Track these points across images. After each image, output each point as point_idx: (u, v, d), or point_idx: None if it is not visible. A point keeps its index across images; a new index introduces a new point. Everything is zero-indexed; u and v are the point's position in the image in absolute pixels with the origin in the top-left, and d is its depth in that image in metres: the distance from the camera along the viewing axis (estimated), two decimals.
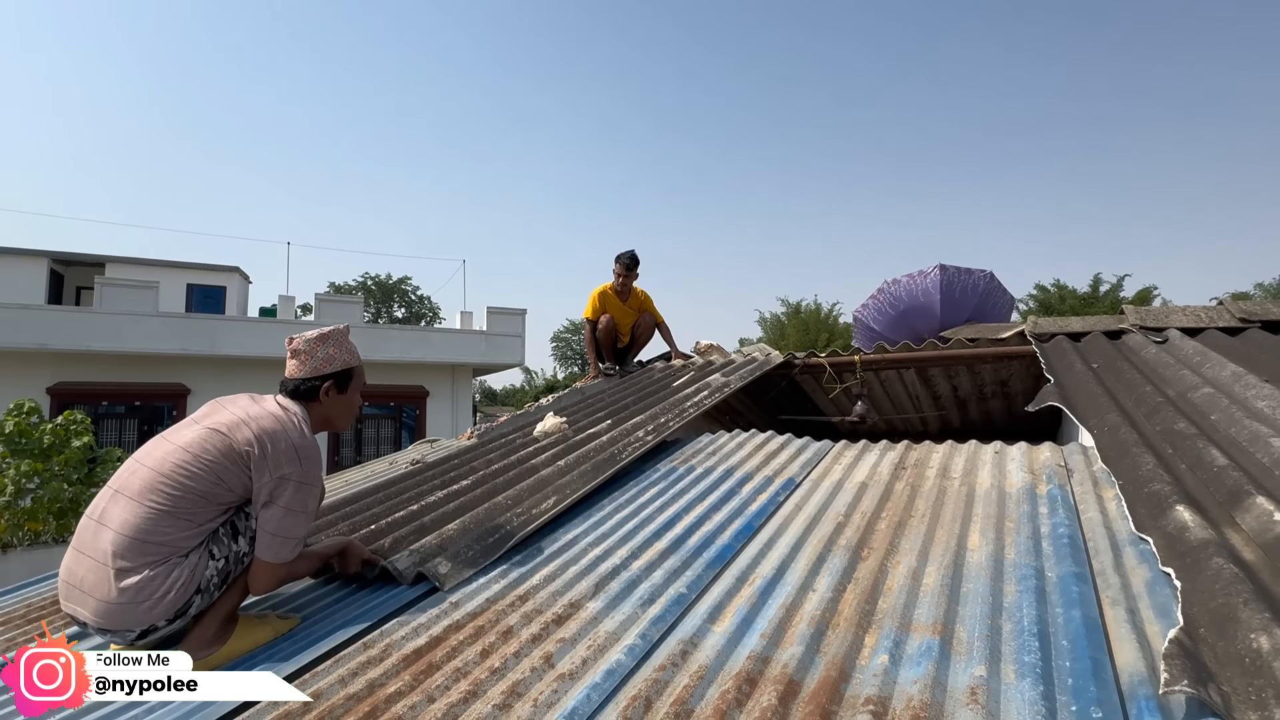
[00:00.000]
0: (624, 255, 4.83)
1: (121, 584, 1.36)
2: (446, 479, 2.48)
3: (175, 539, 1.41)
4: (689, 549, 1.75)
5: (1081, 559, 1.46)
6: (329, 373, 1.68)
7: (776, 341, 21.40)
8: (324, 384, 1.67)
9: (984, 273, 5.22)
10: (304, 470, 1.52)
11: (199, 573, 1.43)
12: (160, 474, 1.43)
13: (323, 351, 1.68)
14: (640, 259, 4.89)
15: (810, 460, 2.46)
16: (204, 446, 1.46)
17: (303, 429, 1.57)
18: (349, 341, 1.77)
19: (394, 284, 38.87)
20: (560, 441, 2.77)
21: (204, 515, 1.45)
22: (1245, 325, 3.12)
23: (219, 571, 1.47)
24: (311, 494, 1.56)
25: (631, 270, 4.84)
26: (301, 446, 1.53)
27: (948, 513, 1.83)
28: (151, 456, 1.47)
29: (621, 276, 4.84)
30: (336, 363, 1.69)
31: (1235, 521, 1.47)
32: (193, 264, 16.94)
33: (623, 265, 4.81)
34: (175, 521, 1.41)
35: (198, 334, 12.15)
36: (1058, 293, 20.66)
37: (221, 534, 1.49)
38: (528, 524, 1.93)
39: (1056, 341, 3.46)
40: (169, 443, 1.49)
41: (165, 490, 1.41)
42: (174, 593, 1.39)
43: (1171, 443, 1.96)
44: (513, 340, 15.08)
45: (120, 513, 1.41)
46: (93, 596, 1.37)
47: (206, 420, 1.54)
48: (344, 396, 1.73)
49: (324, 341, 1.69)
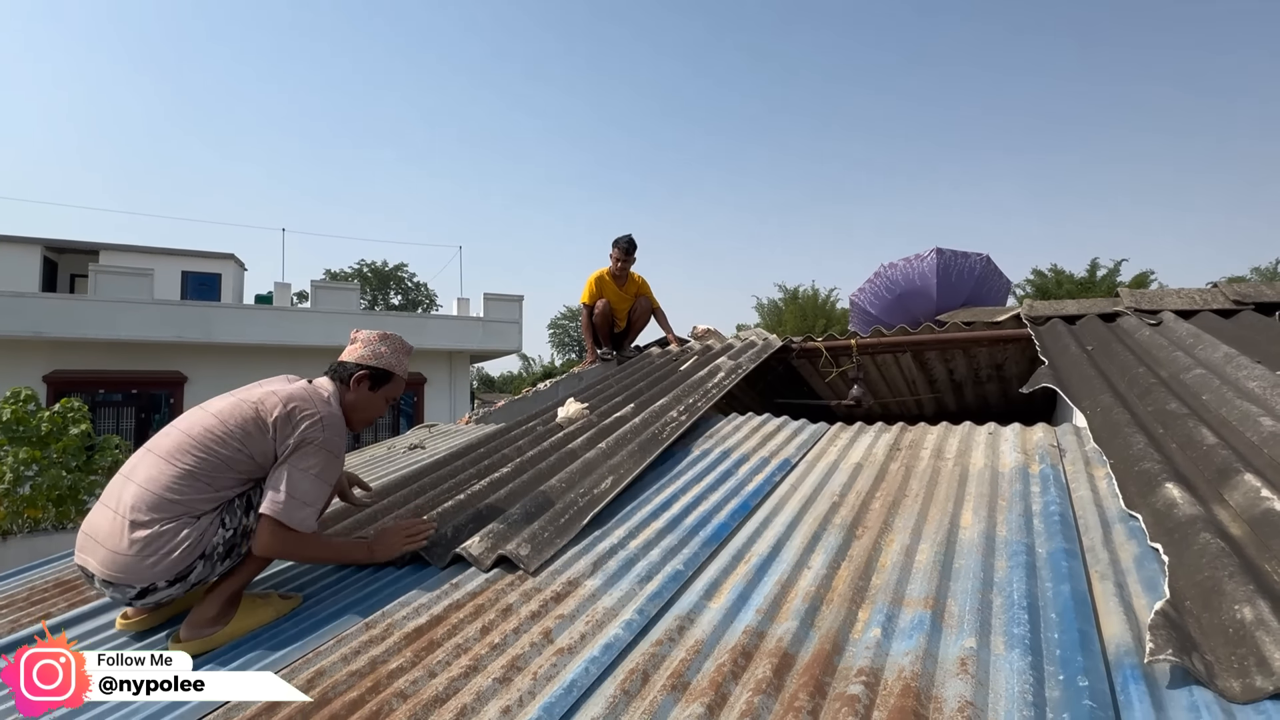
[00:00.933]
0: (622, 240, 4.80)
1: (133, 535, 1.41)
2: (482, 468, 2.45)
3: (192, 500, 1.46)
4: (685, 528, 1.77)
5: (1072, 535, 1.48)
6: (370, 365, 1.74)
7: (774, 327, 21.41)
8: (359, 372, 1.73)
9: (980, 256, 5.22)
10: (327, 437, 1.56)
11: (207, 537, 1.46)
12: (190, 436, 1.49)
13: (375, 346, 1.77)
14: (637, 244, 4.87)
15: (806, 442, 2.47)
16: (232, 414, 1.52)
17: (330, 400, 1.63)
18: (405, 355, 1.84)
19: (390, 271, 38.70)
20: (589, 426, 2.76)
21: (224, 481, 1.50)
22: (1239, 307, 3.14)
23: (225, 541, 1.50)
24: (332, 463, 1.59)
25: (629, 255, 4.81)
26: (327, 415, 1.58)
27: (941, 492, 1.85)
28: (185, 421, 1.55)
29: (620, 261, 4.81)
30: (383, 361, 1.76)
31: (1223, 498, 1.49)
32: (187, 251, 16.85)
33: (620, 250, 4.78)
34: (195, 483, 1.46)
35: (193, 321, 12.10)
36: (1055, 277, 20.67)
37: (236, 504, 1.53)
38: (594, 504, 1.93)
39: (1052, 324, 3.47)
40: (203, 410, 1.57)
41: (193, 452, 1.47)
42: (179, 552, 1.42)
43: (1163, 422, 1.98)
44: (510, 327, 15.06)
45: (147, 469, 1.47)
46: (104, 546, 1.42)
47: (241, 393, 1.61)
48: (373, 394, 1.77)
49: (383, 340, 1.79)
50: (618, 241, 4.82)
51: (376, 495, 2.30)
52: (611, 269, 4.86)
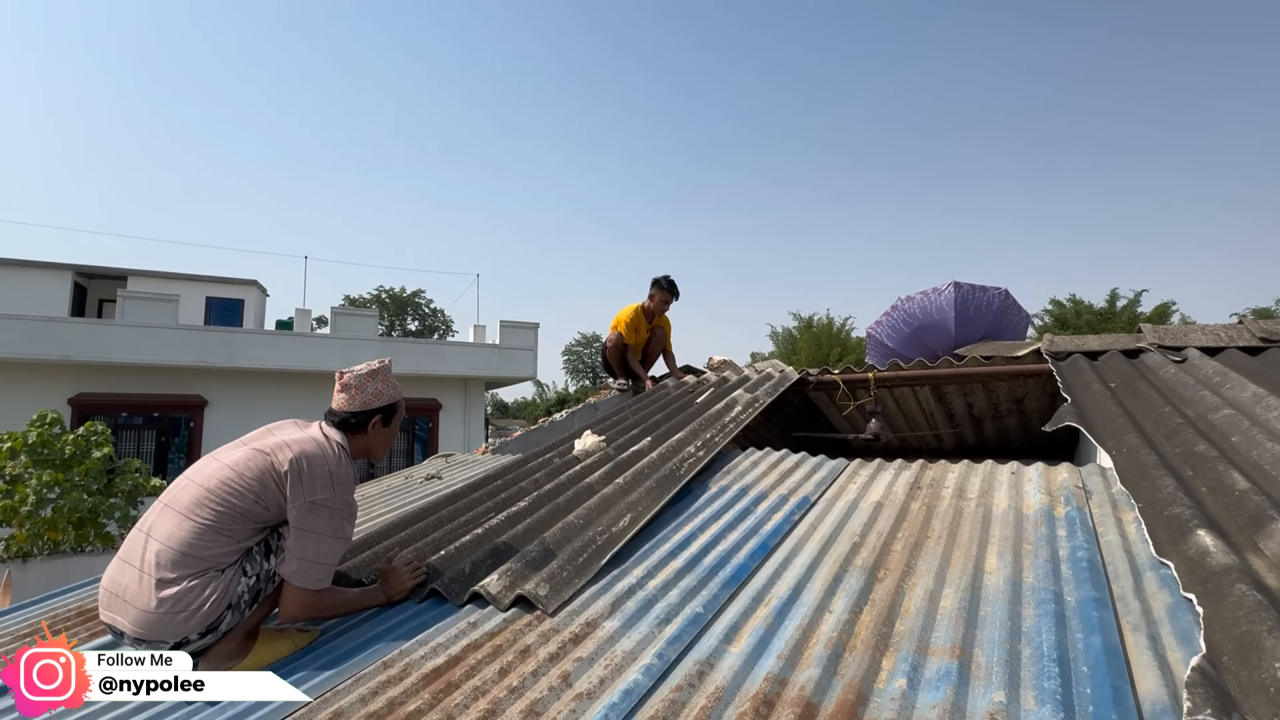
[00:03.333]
0: (666, 281, 5.00)
1: (161, 594, 1.41)
2: (499, 501, 2.44)
3: (215, 554, 1.46)
4: (704, 568, 1.75)
5: (1101, 583, 1.44)
6: (377, 407, 1.76)
7: (789, 356, 21.33)
8: (373, 418, 1.75)
9: (999, 290, 5.20)
10: (337, 496, 1.58)
11: (232, 588, 1.47)
12: (207, 490, 1.50)
13: (372, 387, 1.77)
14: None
15: (825, 479, 2.45)
16: (248, 466, 1.53)
17: (341, 456, 1.64)
18: (393, 377, 1.85)
19: (408, 297, 39.25)
20: (605, 460, 2.75)
21: (243, 533, 1.51)
22: (1266, 345, 3.08)
23: (250, 589, 1.51)
24: (345, 520, 1.62)
25: (671, 295, 5.03)
26: (337, 473, 1.60)
27: (964, 534, 1.82)
28: (200, 474, 1.55)
29: (664, 302, 5.02)
30: (384, 397, 1.78)
31: (1258, 547, 1.45)
32: (212, 277, 17.22)
33: (666, 293, 4.99)
34: (217, 537, 1.47)
35: (216, 346, 12.32)
36: (1074, 308, 20.47)
37: (255, 552, 1.54)
38: (613, 542, 1.91)
39: (1073, 360, 3.43)
40: (217, 461, 1.57)
41: (210, 506, 1.48)
42: (209, 606, 1.43)
43: (1192, 465, 1.94)
44: (525, 354, 15.16)
45: (167, 525, 1.48)
46: (133, 606, 1.42)
47: (254, 442, 1.61)
48: (388, 430, 1.82)
49: (374, 377, 1.78)
50: (661, 282, 4.99)
51: (396, 527, 2.31)
52: (649, 306, 5.03)
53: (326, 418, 1.75)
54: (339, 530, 1.60)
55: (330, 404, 1.76)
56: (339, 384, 1.76)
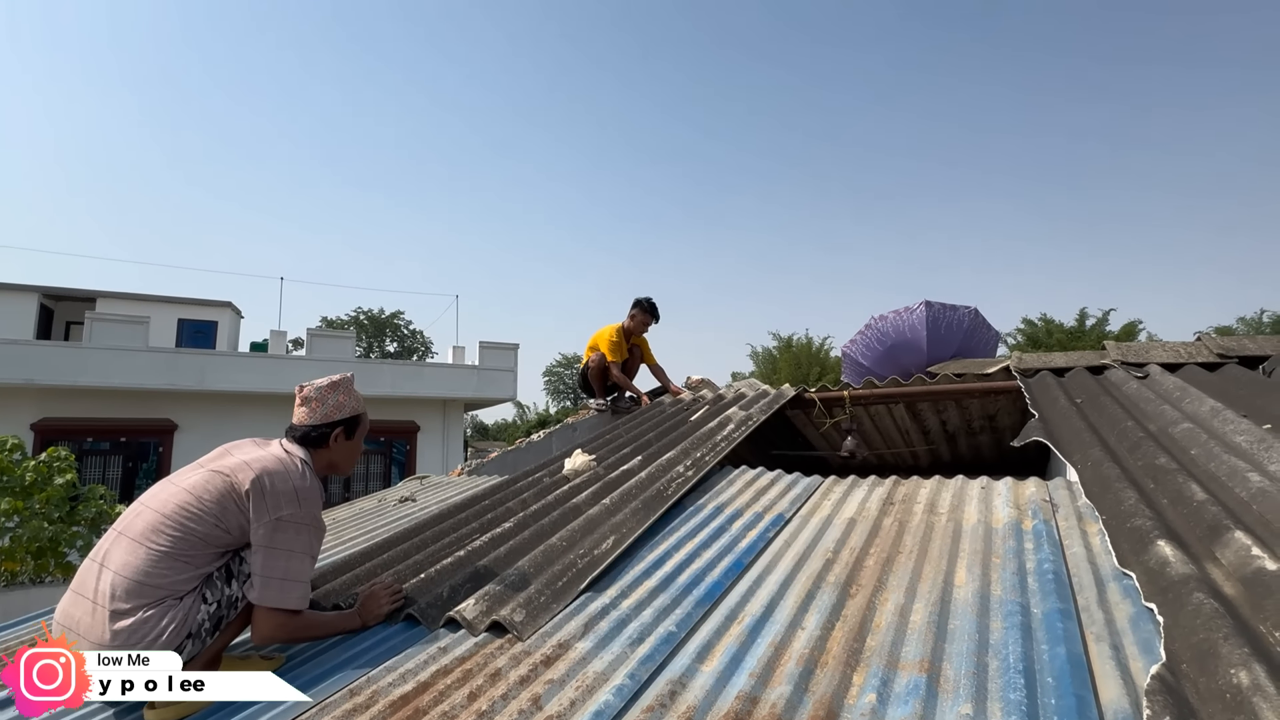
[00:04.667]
0: (649, 303, 5.09)
1: (115, 626, 1.35)
2: (484, 523, 2.41)
3: (172, 581, 1.41)
4: (679, 587, 1.74)
5: (1066, 595, 1.47)
6: (339, 419, 1.73)
7: (769, 375, 21.48)
8: (334, 430, 1.72)
9: (969, 309, 5.31)
10: (304, 511, 1.54)
11: (192, 616, 1.42)
12: (163, 515, 1.44)
13: (333, 399, 1.74)
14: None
15: (800, 496, 2.46)
16: (205, 488, 1.48)
17: (305, 472, 1.60)
18: (355, 389, 1.82)
19: (386, 318, 38.91)
20: (595, 480, 2.73)
21: (202, 558, 1.46)
22: (1223, 361, 3.19)
23: (211, 616, 1.46)
24: (313, 535, 1.58)
25: (652, 318, 5.12)
26: (302, 488, 1.56)
27: (935, 548, 1.84)
28: (156, 499, 1.49)
29: (644, 323, 5.10)
30: (346, 409, 1.75)
31: (1215, 556, 1.49)
32: (184, 299, 16.95)
33: (645, 311, 5.07)
34: (174, 563, 1.41)
35: (187, 369, 12.07)
36: (1045, 326, 20.95)
37: (216, 577, 1.48)
38: (593, 566, 1.89)
39: (1041, 377, 3.51)
40: (173, 485, 1.51)
41: (166, 531, 1.42)
42: (167, 636, 1.38)
43: (1153, 477, 1.99)
44: (505, 375, 15.07)
45: (121, 554, 1.42)
46: (87, 639, 1.37)
47: (211, 464, 1.56)
48: (351, 442, 1.78)
49: (334, 389, 1.75)
50: (643, 303, 5.08)
51: (380, 548, 2.27)
52: (629, 324, 5.10)
53: (288, 434, 1.71)
54: (308, 546, 1.55)
55: (291, 420, 1.73)
56: (299, 398, 1.73)
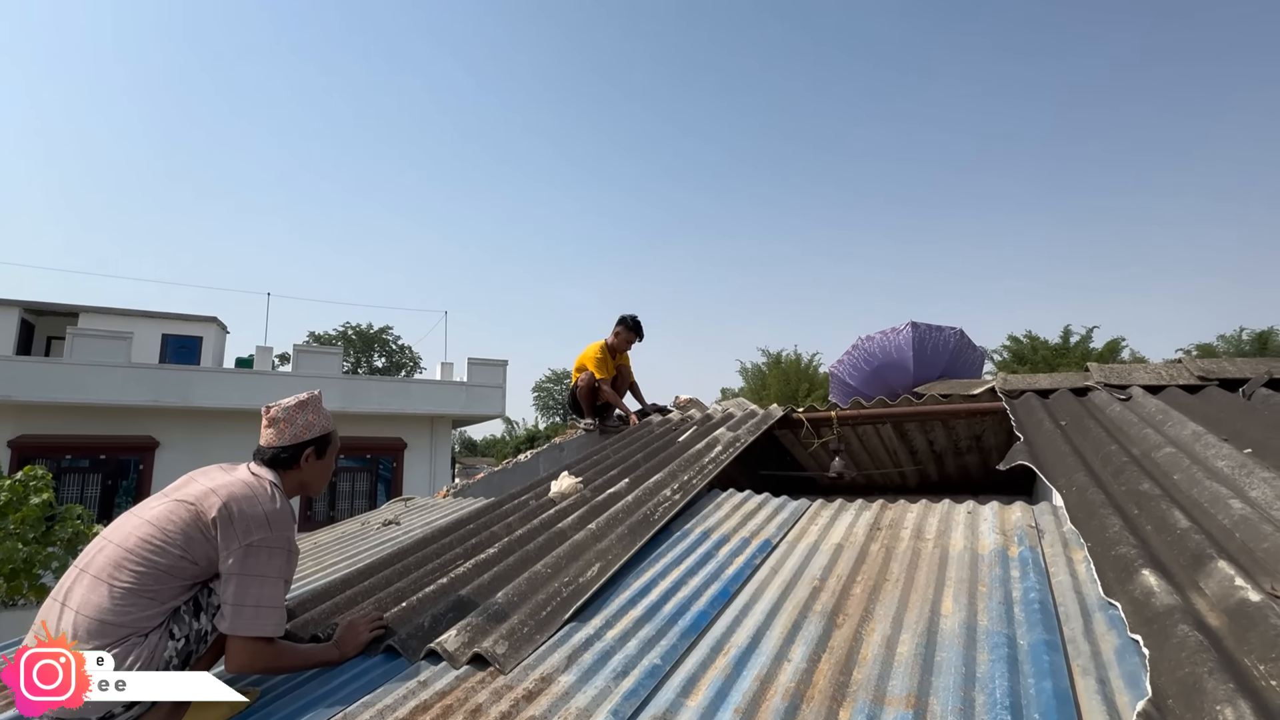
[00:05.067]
0: (633, 320, 5.09)
1: None
2: (468, 548, 2.36)
3: (136, 619, 1.36)
4: (664, 616, 1.72)
5: (1052, 625, 1.46)
6: (309, 439, 1.70)
7: (757, 391, 21.53)
8: (305, 451, 1.68)
9: (954, 330, 5.36)
10: (275, 535, 1.49)
11: (158, 654, 1.38)
12: (125, 550, 1.40)
13: (302, 418, 1.70)
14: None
15: (787, 521, 2.45)
16: (169, 519, 1.43)
17: (274, 495, 1.56)
18: (324, 407, 1.79)
19: (375, 334, 38.73)
20: (581, 503, 2.70)
21: (167, 593, 1.41)
22: (1204, 383, 3.22)
23: (179, 652, 1.42)
24: (287, 559, 1.53)
25: (636, 335, 5.11)
26: (272, 512, 1.51)
27: (921, 576, 1.83)
28: (119, 532, 1.44)
29: (627, 341, 5.09)
30: (315, 429, 1.71)
31: (1199, 586, 1.49)
32: (169, 314, 16.79)
33: (629, 329, 5.06)
34: (138, 600, 1.37)
35: (170, 385, 11.93)
36: (1030, 343, 21.20)
37: (183, 612, 1.44)
38: (578, 594, 1.85)
39: (1026, 398, 3.53)
40: (136, 518, 1.47)
41: (129, 567, 1.38)
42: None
43: (1137, 503, 2.00)
44: (493, 391, 15.01)
45: (82, 592, 1.37)
46: None
47: (176, 493, 1.52)
48: (322, 462, 1.74)
49: (303, 409, 1.71)
50: (627, 321, 5.07)
51: (362, 575, 2.23)
52: (612, 342, 5.08)
53: (255, 456, 1.67)
54: (281, 570, 1.50)
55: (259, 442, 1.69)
56: (266, 419, 1.68)
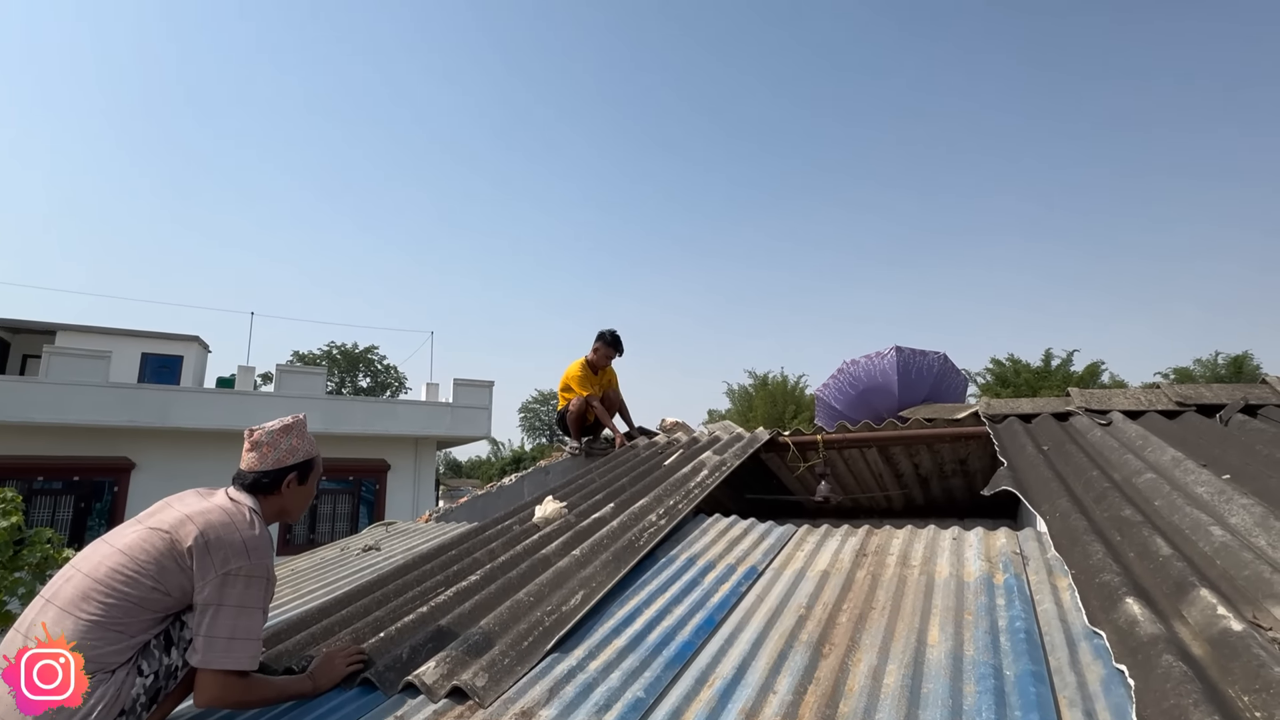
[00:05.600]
0: (608, 334, 5.06)
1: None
2: (450, 575, 2.31)
3: (103, 653, 1.30)
4: (648, 646, 1.69)
5: (1038, 655, 1.45)
6: (292, 464, 1.66)
7: (744, 413, 21.56)
8: (287, 476, 1.65)
9: (938, 354, 5.42)
10: (253, 563, 1.45)
11: (125, 692, 1.32)
12: (94, 580, 1.34)
13: (286, 443, 1.67)
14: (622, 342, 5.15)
15: (773, 547, 2.44)
16: (142, 548, 1.38)
17: (254, 521, 1.51)
18: (309, 433, 1.76)
19: (360, 353, 38.44)
20: (565, 529, 2.66)
21: (137, 626, 1.35)
22: (1181, 409, 3.27)
23: (147, 689, 1.36)
24: (265, 588, 1.48)
25: (615, 350, 5.08)
26: (251, 539, 1.46)
27: (908, 604, 1.82)
28: (88, 562, 1.39)
29: (605, 355, 5.05)
30: (299, 454, 1.68)
31: (1182, 615, 1.49)
32: (149, 333, 16.54)
33: (607, 345, 5.03)
34: (105, 633, 1.31)
35: (148, 405, 11.71)
36: (1013, 366, 21.48)
37: (153, 646, 1.38)
38: (561, 624, 1.81)
39: (1009, 423, 3.56)
40: (107, 545, 1.41)
41: (97, 598, 1.32)
42: (95, 714, 1.27)
43: (1119, 529, 2.01)
44: (479, 412, 14.90)
45: (49, 625, 1.31)
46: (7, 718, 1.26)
47: (149, 520, 1.47)
48: (304, 488, 1.71)
49: (287, 433, 1.68)
50: (605, 336, 5.05)
51: (339, 603, 2.17)
52: (592, 359, 5.06)
53: (235, 480, 1.63)
54: (259, 600, 1.45)
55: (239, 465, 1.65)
56: (248, 442, 1.65)
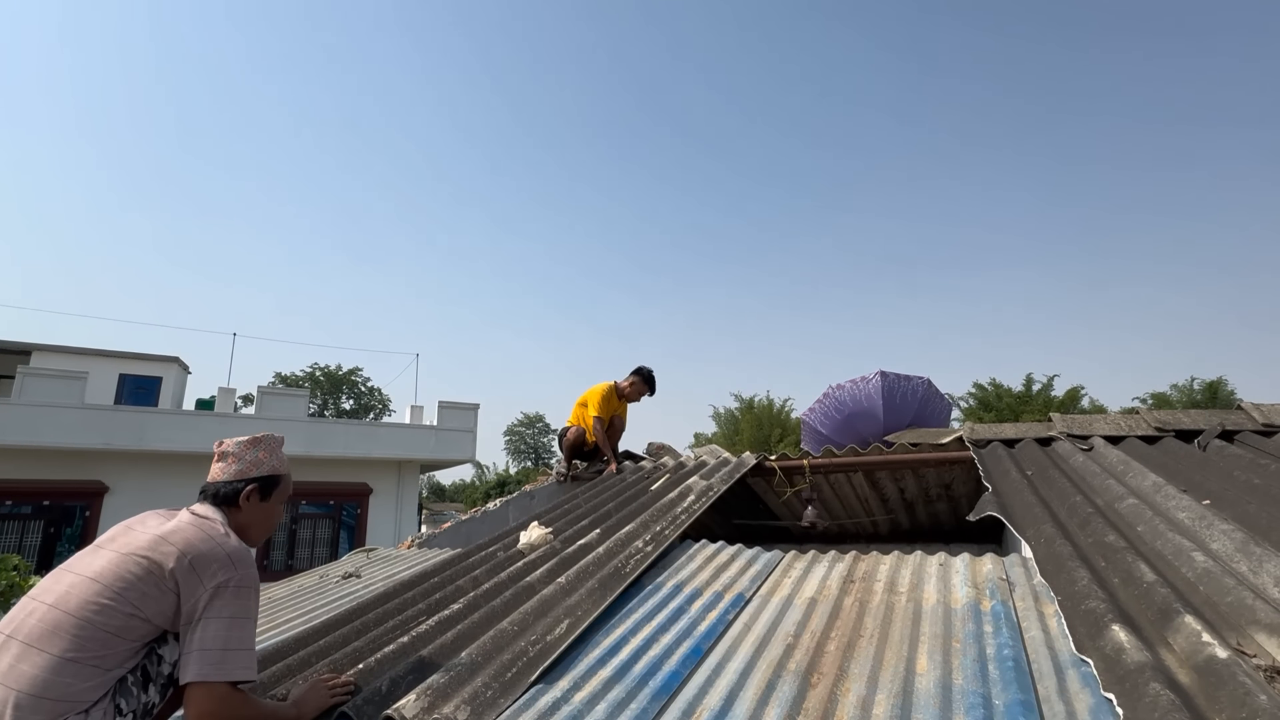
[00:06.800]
0: (649, 374, 5.12)
1: None
2: (432, 603, 2.26)
3: (76, 691, 1.20)
4: (634, 677, 1.66)
5: (1027, 684, 1.45)
6: (255, 476, 1.61)
7: (731, 436, 21.55)
8: (246, 487, 1.59)
9: (922, 379, 5.46)
10: (240, 573, 1.40)
11: None
12: (64, 611, 1.25)
13: (251, 455, 1.63)
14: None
15: (760, 573, 2.42)
16: (117, 574, 1.30)
17: (228, 533, 1.47)
18: (281, 451, 1.71)
19: (344, 375, 38.08)
20: (551, 555, 2.62)
21: (113, 659, 1.26)
22: (1161, 434, 3.32)
23: None
24: (253, 597, 1.43)
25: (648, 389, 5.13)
26: (234, 550, 1.42)
27: (895, 632, 1.81)
28: (51, 593, 1.30)
29: (639, 391, 5.11)
30: (264, 467, 1.63)
31: (1167, 641, 1.49)
32: (127, 353, 16.27)
33: (644, 381, 5.10)
34: (79, 669, 1.21)
35: (124, 427, 11.48)
36: (995, 390, 21.73)
37: (130, 682, 1.29)
38: (546, 654, 1.77)
39: (993, 448, 3.59)
40: (72, 574, 1.33)
41: (69, 632, 1.23)
42: None
43: (1104, 555, 2.02)
44: (464, 435, 14.76)
45: (12, 663, 1.21)
46: None
47: (115, 544, 1.39)
48: (265, 504, 1.64)
49: (255, 445, 1.64)
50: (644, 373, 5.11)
51: (317, 633, 2.12)
52: (624, 389, 5.11)
53: (200, 494, 1.58)
54: (250, 610, 1.40)
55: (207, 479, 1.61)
56: (216, 454, 1.61)
